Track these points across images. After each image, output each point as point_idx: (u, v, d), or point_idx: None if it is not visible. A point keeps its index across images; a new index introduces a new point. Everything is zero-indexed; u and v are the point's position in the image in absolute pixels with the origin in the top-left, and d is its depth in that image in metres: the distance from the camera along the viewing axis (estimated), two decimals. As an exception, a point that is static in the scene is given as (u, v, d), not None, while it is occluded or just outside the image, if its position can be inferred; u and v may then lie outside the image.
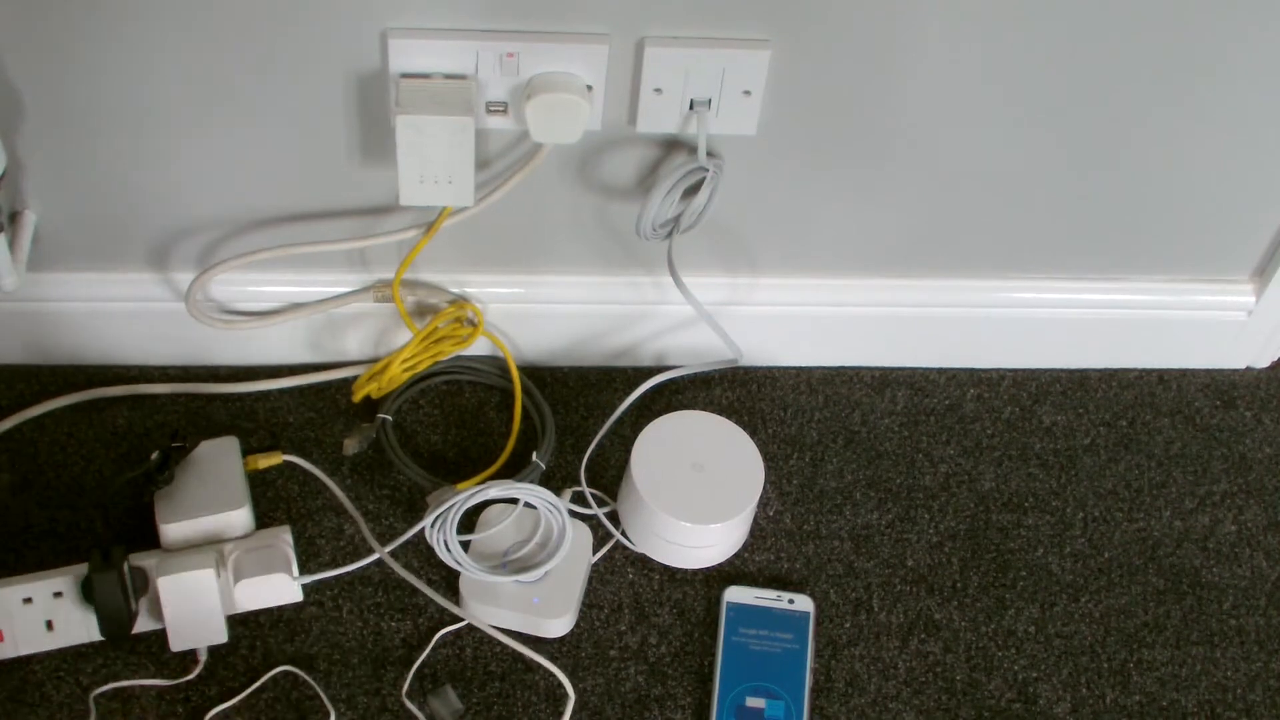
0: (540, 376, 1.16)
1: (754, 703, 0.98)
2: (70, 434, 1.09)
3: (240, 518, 0.97)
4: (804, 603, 1.03)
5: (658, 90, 0.95)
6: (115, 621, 0.92)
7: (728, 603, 1.03)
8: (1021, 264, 1.14)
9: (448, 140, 0.92)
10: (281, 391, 1.13)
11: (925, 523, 1.10)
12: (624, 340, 1.16)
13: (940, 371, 1.20)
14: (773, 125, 0.99)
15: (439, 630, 1.00)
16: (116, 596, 0.91)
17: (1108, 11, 0.93)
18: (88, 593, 0.93)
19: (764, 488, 1.05)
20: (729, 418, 1.08)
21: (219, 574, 0.93)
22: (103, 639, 0.94)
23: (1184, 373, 1.23)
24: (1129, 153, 1.04)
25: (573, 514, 1.05)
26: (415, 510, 1.07)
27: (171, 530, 0.96)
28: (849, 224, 1.08)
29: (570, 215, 1.06)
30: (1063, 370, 1.22)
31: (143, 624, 0.95)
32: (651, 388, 1.15)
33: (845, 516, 1.10)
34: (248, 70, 0.92)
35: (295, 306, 1.10)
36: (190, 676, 0.97)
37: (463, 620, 1.01)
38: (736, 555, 1.07)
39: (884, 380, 1.19)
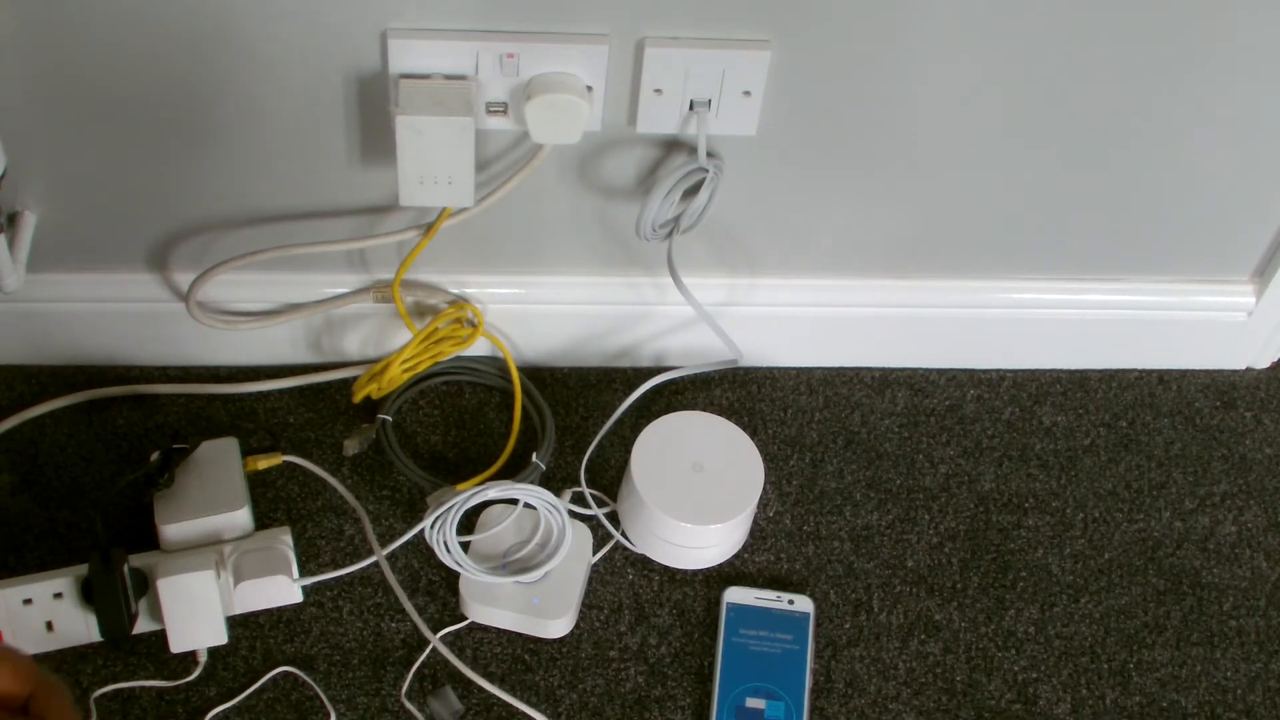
0: (540, 377, 1.16)
1: (754, 703, 0.98)
2: (70, 434, 1.09)
3: (240, 519, 0.97)
4: (804, 603, 1.03)
5: (658, 91, 0.94)
6: (115, 623, 0.92)
7: (728, 603, 1.03)
8: (1021, 264, 1.14)
9: (448, 141, 0.91)
10: (281, 391, 1.13)
11: (925, 523, 1.10)
12: (624, 341, 1.16)
13: (940, 372, 1.20)
14: (773, 126, 0.99)
15: (439, 631, 1.00)
16: (116, 598, 0.91)
17: (1107, 12, 0.93)
18: (88, 594, 0.93)
19: (764, 488, 1.05)
20: (729, 418, 1.08)
21: (219, 575, 0.93)
22: (103, 640, 0.94)
23: (1184, 373, 1.22)
24: (1129, 153, 1.04)
25: (572, 514, 1.05)
26: (415, 511, 1.07)
27: (171, 531, 0.96)
28: (849, 224, 1.08)
29: (570, 216, 1.06)
30: (1063, 371, 1.22)
31: (143, 625, 0.95)
32: (651, 388, 1.15)
33: (845, 517, 1.10)
34: (247, 69, 0.92)
35: (295, 307, 1.10)
36: (190, 677, 0.97)
37: (464, 621, 1.01)
38: (736, 556, 1.07)
39: (884, 381, 1.19)
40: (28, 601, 0.93)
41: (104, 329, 1.11)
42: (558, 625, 1.00)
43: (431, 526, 0.99)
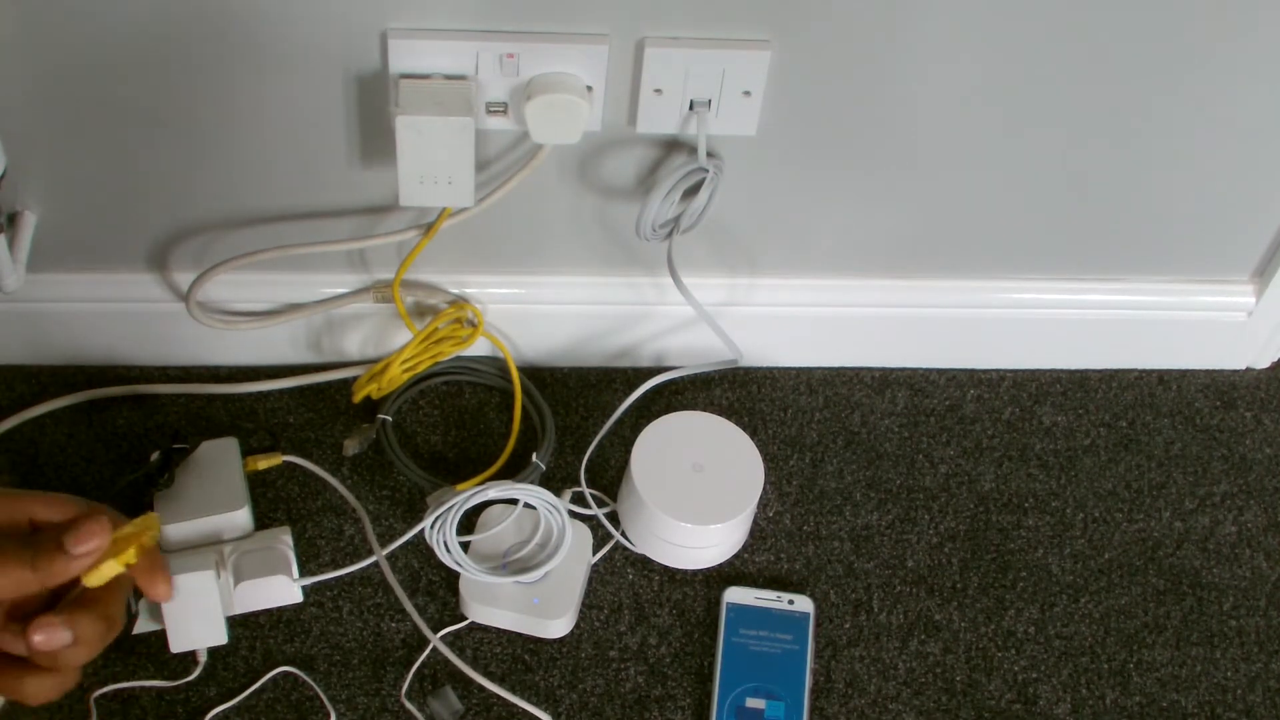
0: (540, 377, 1.16)
1: (754, 703, 0.98)
2: (70, 434, 1.09)
3: (240, 519, 0.97)
4: (804, 603, 1.03)
5: (658, 91, 0.94)
6: (115, 622, 0.92)
7: (728, 603, 1.03)
8: (1021, 264, 1.14)
9: (448, 141, 0.91)
10: (281, 391, 1.13)
11: (925, 523, 1.10)
12: (624, 341, 1.16)
13: (940, 372, 1.20)
14: (773, 126, 0.99)
15: (439, 631, 1.00)
16: (116, 597, 0.91)
17: (1107, 12, 0.93)
18: (88, 593, 0.93)
19: (764, 488, 1.05)
20: (729, 418, 1.08)
21: (219, 575, 0.93)
22: (102, 640, 0.94)
23: (1184, 373, 1.22)
24: (1129, 153, 1.04)
25: (572, 514, 1.05)
26: (415, 511, 1.07)
27: (171, 531, 0.96)
28: (849, 224, 1.08)
29: (570, 216, 1.06)
30: (1063, 371, 1.22)
31: (142, 625, 0.95)
32: (651, 388, 1.15)
33: (845, 517, 1.10)
34: (247, 70, 0.92)
35: (295, 307, 1.10)
36: (190, 678, 0.97)
37: (464, 621, 1.01)
38: (736, 556, 1.07)
39: (884, 381, 1.19)
40: (28, 601, 0.93)
41: (104, 329, 1.11)
42: (558, 625, 1.00)
43: (431, 526, 0.99)
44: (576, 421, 1.14)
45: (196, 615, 0.93)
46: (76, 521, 0.67)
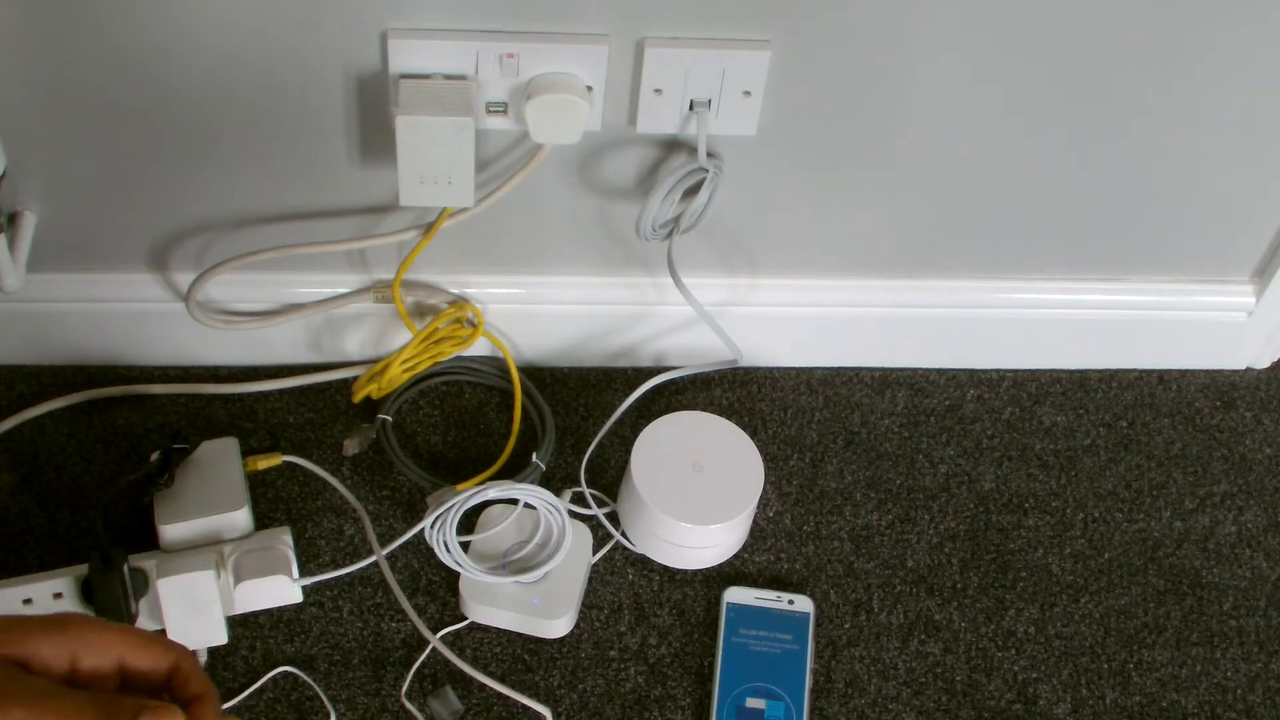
0: (540, 377, 1.16)
1: (754, 703, 0.98)
2: (70, 434, 1.09)
3: (240, 519, 0.97)
4: (804, 603, 1.03)
5: (658, 91, 0.94)
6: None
7: (728, 603, 1.03)
8: (1021, 264, 1.14)
9: (448, 141, 0.91)
10: (281, 391, 1.13)
11: (925, 523, 1.10)
12: (624, 341, 1.16)
13: (940, 372, 1.20)
14: (773, 126, 0.99)
15: (439, 631, 1.00)
16: (116, 598, 0.91)
17: (1108, 12, 0.93)
18: (88, 594, 0.93)
19: (764, 488, 1.05)
20: (729, 418, 1.08)
21: (219, 575, 0.93)
22: (103, 640, 0.94)
23: (1184, 373, 1.22)
24: (1129, 153, 1.04)
25: (572, 514, 1.05)
26: (415, 511, 1.07)
27: (171, 531, 0.96)
28: (849, 224, 1.08)
29: (570, 216, 1.06)
30: (1063, 371, 1.22)
31: (143, 625, 0.95)
32: (651, 388, 1.15)
33: (845, 517, 1.10)
34: (248, 70, 0.92)
35: (295, 307, 1.10)
36: (190, 677, 0.97)
37: (464, 621, 1.01)
38: (736, 556, 1.07)
39: (884, 381, 1.19)
40: (28, 601, 0.93)
41: (104, 329, 1.11)
42: (558, 625, 1.00)
43: (431, 526, 0.99)
44: (576, 421, 1.14)
45: (196, 615, 0.93)
46: (155, 710, 0.61)
